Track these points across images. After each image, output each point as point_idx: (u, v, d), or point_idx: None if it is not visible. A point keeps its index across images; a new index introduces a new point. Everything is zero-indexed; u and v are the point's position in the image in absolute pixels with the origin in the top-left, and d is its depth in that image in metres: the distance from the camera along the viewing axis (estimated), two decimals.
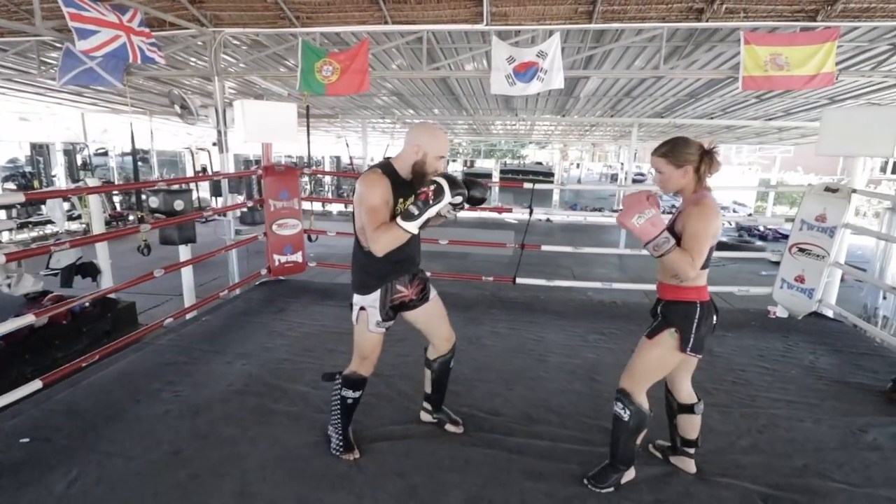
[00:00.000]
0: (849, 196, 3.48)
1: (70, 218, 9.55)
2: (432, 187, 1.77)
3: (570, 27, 4.65)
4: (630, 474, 2.02)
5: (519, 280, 4.41)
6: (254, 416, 2.47)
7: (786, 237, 11.49)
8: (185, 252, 4.61)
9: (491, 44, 4.67)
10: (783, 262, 3.87)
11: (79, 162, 11.59)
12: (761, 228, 12.95)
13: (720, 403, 2.72)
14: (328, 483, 2.01)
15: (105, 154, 13.25)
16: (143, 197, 7.07)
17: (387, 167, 1.97)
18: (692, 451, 2.11)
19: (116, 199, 11.70)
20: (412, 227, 1.80)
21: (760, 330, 3.89)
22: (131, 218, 10.98)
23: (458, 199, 1.81)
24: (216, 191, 10.42)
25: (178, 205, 4.59)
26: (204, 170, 12.42)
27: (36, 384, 2.41)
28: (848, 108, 5.38)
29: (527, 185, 4.31)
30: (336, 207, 14.42)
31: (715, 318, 1.87)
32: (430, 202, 1.77)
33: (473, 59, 5.48)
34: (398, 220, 1.80)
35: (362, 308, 2.07)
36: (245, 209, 6.60)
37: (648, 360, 1.89)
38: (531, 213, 4.16)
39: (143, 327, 3.65)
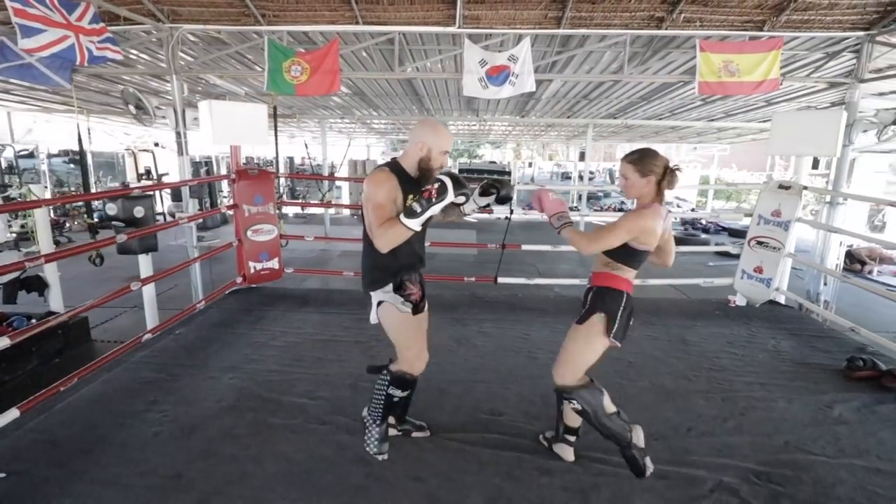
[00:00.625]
0: (800, 192, 3.80)
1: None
2: (436, 185, 1.79)
3: (540, 32, 4.77)
4: (639, 433, 1.99)
5: (501, 279, 4.47)
6: (253, 432, 2.38)
7: (725, 230, 12.23)
8: (145, 262, 4.32)
9: (461, 46, 4.71)
10: (743, 254, 4.17)
11: (3, 164, 10.59)
12: (703, 222, 13.80)
13: (702, 390, 2.90)
14: (347, 496, 1.97)
15: (31, 156, 12.15)
16: (96, 204, 6.58)
17: (394, 166, 1.98)
18: (573, 439, 2.19)
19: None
20: (414, 224, 1.81)
21: (724, 318, 4.17)
22: (68, 226, 10.16)
23: (461, 198, 1.83)
24: (176, 196, 9.84)
25: (139, 212, 4.30)
26: (148, 172, 11.68)
27: (13, 413, 2.19)
28: (795, 112, 5.85)
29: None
30: (292, 210, 13.99)
31: (632, 315, 1.97)
32: (434, 200, 1.79)
33: (442, 62, 5.51)
34: (401, 216, 1.81)
35: (381, 302, 2.03)
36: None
37: (579, 345, 1.98)
38: (511, 212, 4.22)
39: (115, 345, 3.39)
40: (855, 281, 3.94)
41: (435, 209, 1.80)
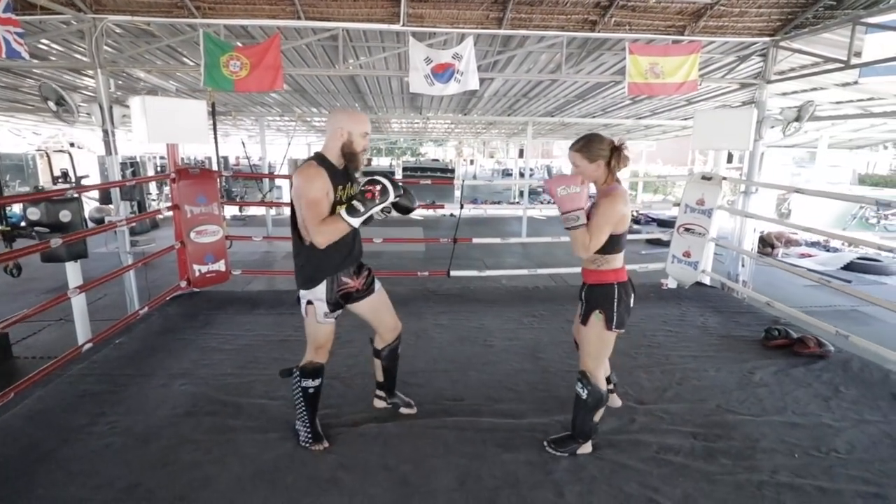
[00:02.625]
0: (720, 183, 4.20)
1: None
2: (378, 187, 1.88)
3: (482, 32, 4.91)
4: (587, 448, 2.22)
5: (453, 273, 4.58)
6: (213, 436, 2.32)
7: (654, 220, 13.07)
8: (74, 269, 4.01)
9: (406, 44, 4.75)
10: (672, 240, 4.54)
11: None
12: (635, 213, 14.70)
13: (643, 365, 3.16)
14: (317, 488, 1.99)
15: None
16: (16, 209, 5.92)
17: (320, 159, 2.01)
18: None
19: None
20: (356, 222, 1.90)
21: (658, 300, 4.52)
22: None
23: (398, 198, 1.95)
24: (105, 198, 9.11)
25: (65, 216, 3.98)
26: (65, 175, 10.71)
27: None
28: (714, 110, 6.40)
29: (457, 182, 4.47)
30: (230, 211, 13.38)
31: (633, 296, 2.14)
32: (377, 200, 1.88)
33: (386, 60, 5.51)
34: (343, 214, 1.87)
35: (309, 302, 2.10)
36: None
37: (593, 343, 2.13)
38: (461, 207, 4.35)
39: (41, 362, 3.14)
40: (768, 261, 4.40)
41: (376, 209, 1.90)
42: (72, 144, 13.75)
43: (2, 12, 3.45)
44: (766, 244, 9.59)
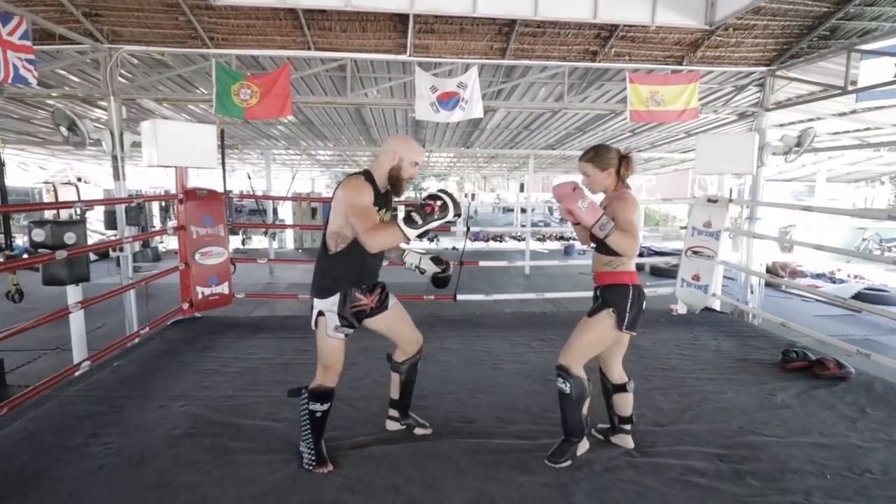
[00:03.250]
0: (727, 205, 4.19)
1: None
2: (439, 203, 1.83)
3: (486, 62, 5.05)
4: (584, 446, 2.20)
5: (460, 297, 4.50)
6: (212, 457, 2.21)
7: (657, 253, 13.07)
8: (74, 293, 3.94)
9: (411, 74, 4.88)
10: (681, 264, 4.49)
11: None
12: None
13: (659, 387, 3.04)
14: None
15: None
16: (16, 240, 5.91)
17: (368, 175, 2.03)
18: (629, 427, 2.32)
19: None
20: (412, 233, 1.84)
21: (669, 325, 4.42)
22: None
23: (456, 218, 1.90)
24: (111, 223, 9.12)
25: (70, 238, 3.96)
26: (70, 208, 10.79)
27: None
28: (717, 135, 6.48)
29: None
30: (233, 243, 13.40)
31: (644, 302, 2.12)
32: (435, 215, 1.83)
33: (391, 90, 5.65)
34: (401, 222, 1.83)
35: (320, 313, 2.06)
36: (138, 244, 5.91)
37: (588, 336, 2.10)
38: (468, 230, 4.33)
39: (30, 387, 3.03)
40: (777, 281, 4.32)
41: (433, 224, 1.84)
42: (79, 179, 13.95)
43: (17, 39, 3.54)
44: (772, 274, 9.53)
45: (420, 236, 1.93)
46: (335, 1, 3.72)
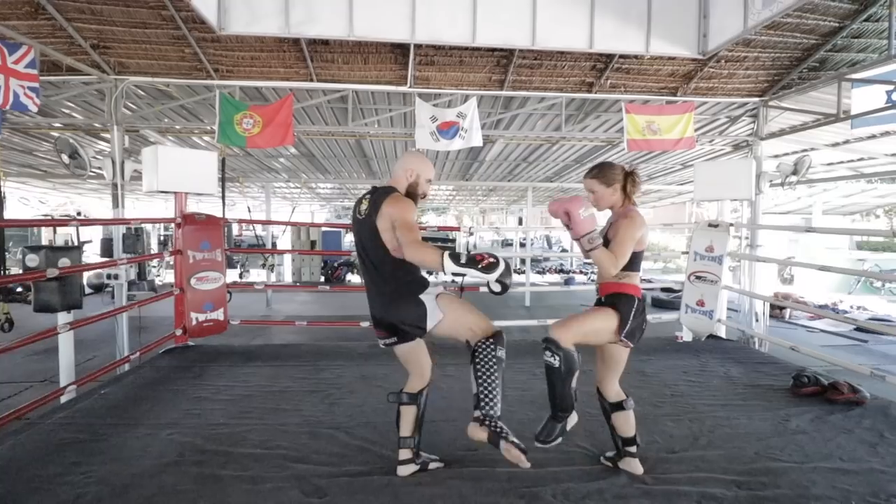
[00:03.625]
0: (728, 229, 4.18)
1: None
2: (491, 259, 1.79)
3: (485, 93, 5.16)
4: (573, 419, 2.09)
5: None
6: (200, 485, 2.08)
7: (656, 288, 12.94)
8: (66, 321, 3.83)
9: (412, 105, 4.98)
10: (685, 289, 4.43)
11: None
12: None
13: (670, 413, 2.93)
14: None
15: None
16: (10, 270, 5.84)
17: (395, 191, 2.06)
18: (634, 449, 2.18)
19: None
20: (449, 266, 1.78)
21: (675, 352, 4.32)
22: None
23: (498, 286, 1.83)
24: (107, 251, 9.08)
25: (64, 263, 3.92)
26: (66, 243, 10.78)
27: None
28: (715, 162, 6.55)
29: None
30: (230, 277, 13.31)
31: (645, 321, 2.07)
32: (478, 266, 1.78)
33: (392, 121, 5.75)
34: (446, 254, 1.79)
35: (438, 294, 2.06)
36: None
37: (588, 321, 2.05)
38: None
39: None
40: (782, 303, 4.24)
41: (472, 273, 1.80)
42: (78, 213, 13.99)
43: (22, 68, 3.61)
44: (775, 306, 9.44)
45: (455, 276, 1.87)
46: (338, 30, 3.82)
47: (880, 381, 3.11)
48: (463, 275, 1.82)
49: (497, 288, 1.83)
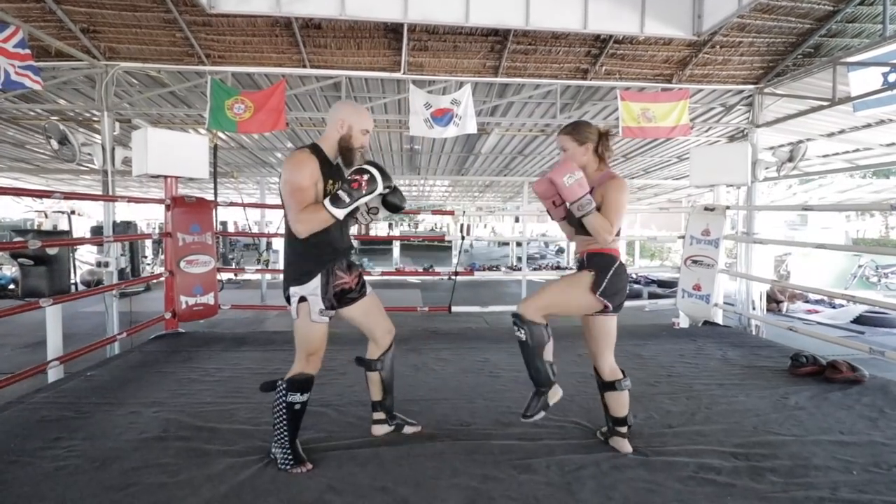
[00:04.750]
0: (724, 212, 4.15)
1: None
2: (365, 176, 1.74)
3: (479, 80, 5.12)
4: (557, 393, 2.04)
5: (454, 308, 4.37)
6: (183, 459, 2.02)
7: (654, 282, 12.92)
8: (54, 313, 3.70)
9: (405, 92, 4.93)
10: (681, 274, 4.40)
11: None
12: (634, 275, 14.61)
13: (666, 392, 2.89)
14: None
15: None
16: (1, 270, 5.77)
17: (315, 148, 1.92)
18: (624, 429, 2.11)
19: None
20: (339, 213, 1.75)
21: (672, 337, 4.27)
22: None
23: (387, 190, 1.83)
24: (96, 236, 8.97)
25: (53, 249, 3.86)
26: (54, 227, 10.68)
27: None
28: (710, 147, 6.53)
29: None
30: (225, 276, 13.21)
31: (626, 281, 2.03)
32: (363, 190, 1.74)
33: (385, 108, 5.70)
34: (326, 203, 1.74)
35: (302, 299, 1.91)
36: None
37: (556, 289, 2.02)
38: (462, 238, 4.27)
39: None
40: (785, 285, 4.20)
41: (362, 200, 1.76)
42: (72, 212, 13.87)
43: (11, 47, 3.55)
44: (772, 300, 9.42)
45: (350, 214, 1.83)
46: (330, 9, 3.77)
47: (880, 358, 3.07)
48: (356, 209, 1.83)
49: (394, 198, 1.89)
